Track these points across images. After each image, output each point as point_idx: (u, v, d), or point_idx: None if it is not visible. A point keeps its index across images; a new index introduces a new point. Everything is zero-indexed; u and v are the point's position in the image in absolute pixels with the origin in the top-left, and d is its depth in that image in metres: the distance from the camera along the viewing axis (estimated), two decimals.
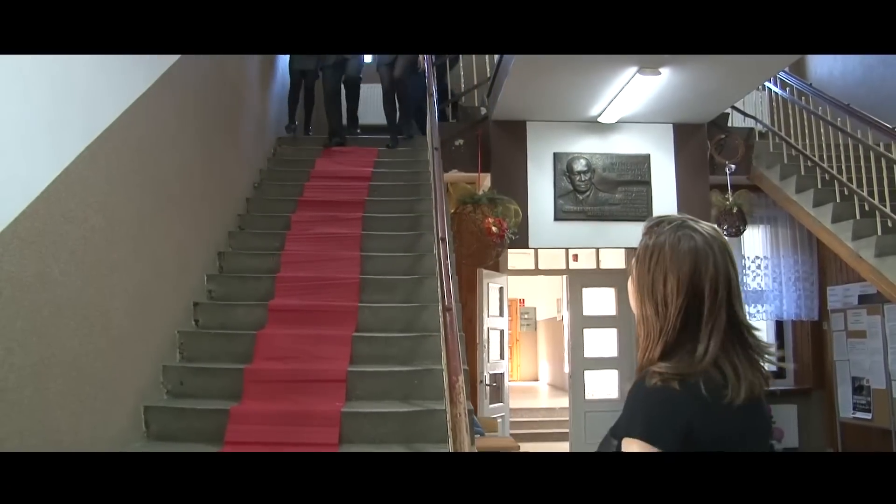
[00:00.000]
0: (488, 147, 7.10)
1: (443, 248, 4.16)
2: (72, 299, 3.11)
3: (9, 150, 2.61)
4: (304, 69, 7.54)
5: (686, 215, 1.46)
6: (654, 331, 1.39)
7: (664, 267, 1.39)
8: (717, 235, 1.42)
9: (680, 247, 1.38)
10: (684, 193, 7.19)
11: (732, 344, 1.36)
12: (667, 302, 1.38)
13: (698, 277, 1.36)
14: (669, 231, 1.41)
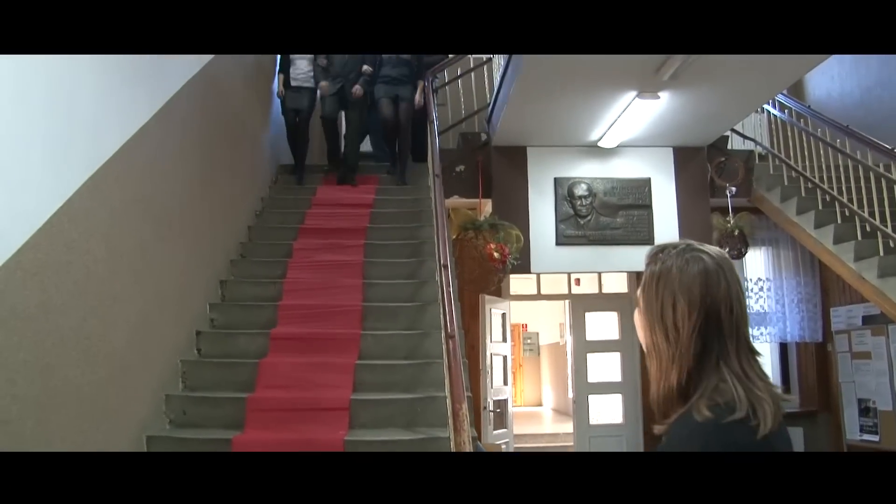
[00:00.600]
0: (489, 173, 7.13)
1: (445, 274, 4.16)
2: (74, 329, 3.12)
3: (13, 180, 2.63)
4: (297, 108, 7.33)
5: (689, 240, 1.44)
6: (666, 359, 1.36)
7: (672, 290, 1.36)
8: (724, 257, 1.40)
9: (688, 269, 1.36)
10: (685, 216, 7.21)
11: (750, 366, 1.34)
12: (677, 326, 1.34)
13: (711, 298, 1.34)
14: (675, 255, 1.39)
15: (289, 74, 7.34)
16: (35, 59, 2.77)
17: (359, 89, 7.05)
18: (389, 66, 7.23)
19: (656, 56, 5.08)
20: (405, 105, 7.17)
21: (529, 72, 5.38)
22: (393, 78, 7.19)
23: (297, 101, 7.32)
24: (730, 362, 1.32)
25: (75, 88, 3.11)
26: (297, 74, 7.35)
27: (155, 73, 4.06)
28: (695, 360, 1.33)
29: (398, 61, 7.23)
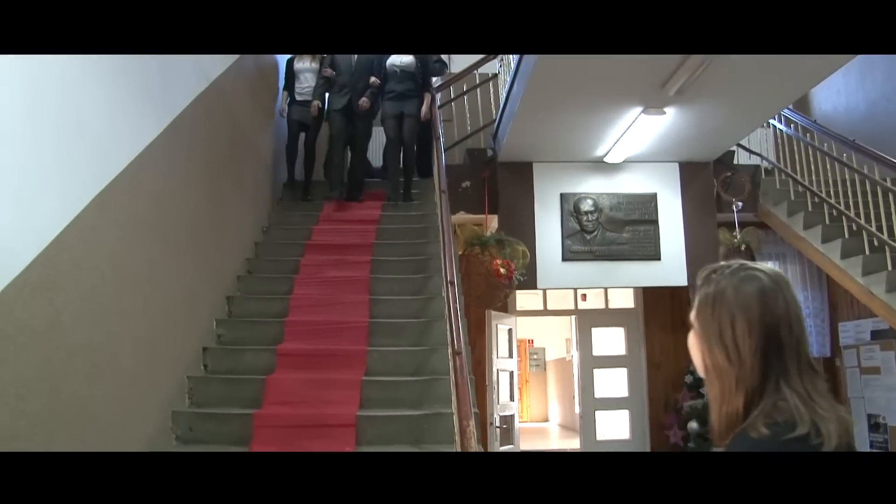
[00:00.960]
0: (495, 189, 7.14)
1: (452, 291, 4.16)
2: (82, 345, 3.12)
3: (23, 197, 2.64)
4: (302, 121, 7.17)
5: (743, 260, 1.42)
6: (730, 379, 1.32)
7: (730, 310, 1.33)
8: (780, 275, 1.38)
9: (744, 288, 1.34)
10: (692, 231, 7.20)
11: (813, 385, 1.31)
12: (738, 345, 1.32)
13: (770, 316, 1.31)
14: (729, 275, 1.37)
15: (293, 90, 7.29)
16: (45, 77, 2.79)
17: (365, 102, 6.87)
18: (395, 81, 7.09)
19: (662, 71, 5.09)
20: (410, 121, 7.04)
21: (535, 88, 5.39)
22: (399, 93, 7.05)
23: (304, 114, 7.19)
24: (791, 382, 1.29)
25: (84, 106, 3.13)
26: (303, 89, 7.25)
27: (162, 91, 4.08)
28: (759, 381, 1.30)
29: (403, 75, 7.08)
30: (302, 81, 7.29)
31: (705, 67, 4.85)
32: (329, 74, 7.06)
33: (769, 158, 7.74)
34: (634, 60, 4.91)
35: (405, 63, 7.09)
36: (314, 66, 7.28)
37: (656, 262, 7.16)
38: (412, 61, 7.11)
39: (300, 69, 7.32)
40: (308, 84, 7.24)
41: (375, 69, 7.06)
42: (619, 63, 4.98)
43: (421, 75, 7.16)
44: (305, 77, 7.29)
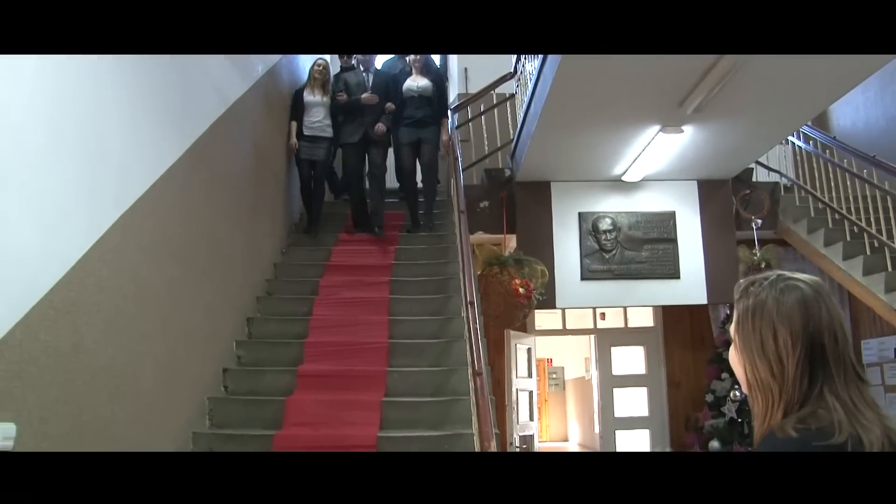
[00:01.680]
0: (513, 208, 7.13)
1: (472, 311, 4.15)
2: (104, 367, 3.13)
3: (47, 221, 2.66)
4: (312, 159, 6.80)
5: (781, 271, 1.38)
6: (774, 392, 1.29)
7: (771, 322, 1.30)
8: (821, 283, 1.34)
9: (784, 299, 1.30)
10: (711, 249, 7.16)
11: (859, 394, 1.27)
12: (781, 358, 1.28)
13: (814, 326, 1.28)
14: (768, 286, 1.33)
15: (302, 122, 6.83)
16: (68, 102, 2.82)
17: (381, 126, 6.68)
18: (412, 107, 6.85)
19: (679, 90, 5.08)
20: (429, 147, 6.86)
21: (553, 107, 5.39)
22: (417, 120, 6.82)
23: (313, 151, 6.82)
24: (836, 391, 1.25)
25: (107, 130, 3.16)
26: (313, 122, 6.84)
27: (183, 114, 4.12)
28: (802, 393, 1.27)
29: (421, 101, 6.85)
30: (312, 115, 6.87)
31: (723, 85, 4.83)
32: (343, 100, 6.82)
33: (788, 175, 7.70)
34: (652, 79, 4.91)
35: (422, 87, 6.88)
36: (325, 101, 6.91)
37: (675, 280, 7.11)
38: (429, 85, 6.89)
39: (310, 102, 6.88)
40: (318, 119, 6.85)
41: (392, 94, 6.86)
42: (636, 82, 4.97)
43: (438, 100, 6.97)
44: (316, 111, 6.88)
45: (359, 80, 6.94)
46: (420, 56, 6.98)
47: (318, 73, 6.96)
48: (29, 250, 2.55)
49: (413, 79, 6.95)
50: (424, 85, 6.90)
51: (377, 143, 6.78)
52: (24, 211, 2.52)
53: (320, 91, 6.93)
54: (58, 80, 2.74)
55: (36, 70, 2.57)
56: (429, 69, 7.10)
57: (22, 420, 2.49)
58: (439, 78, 7.14)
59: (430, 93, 6.90)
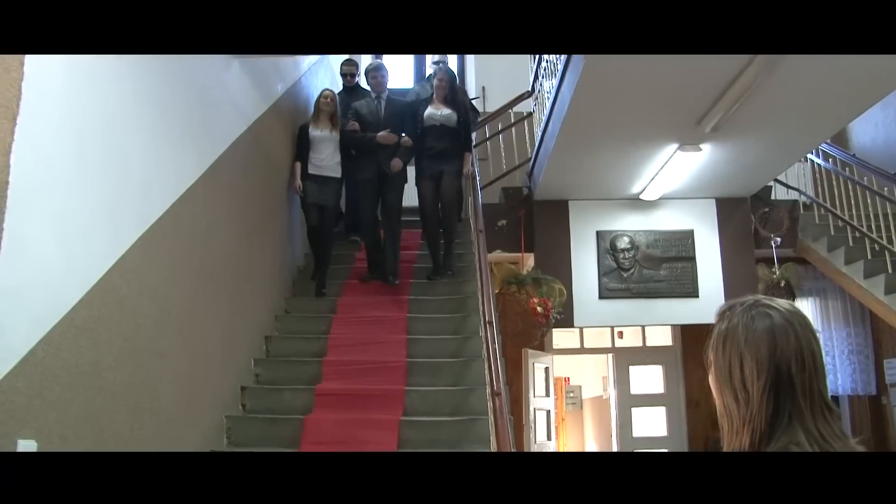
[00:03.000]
0: (531, 227, 7.12)
1: (490, 331, 4.13)
2: (124, 385, 3.14)
3: (70, 240, 2.68)
4: (321, 203, 6.08)
5: (760, 296, 1.37)
6: (737, 420, 1.29)
7: (739, 349, 1.29)
8: (795, 311, 1.32)
9: (754, 326, 1.29)
10: (730, 268, 7.11)
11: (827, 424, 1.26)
12: (746, 386, 1.28)
13: (781, 355, 1.26)
14: (741, 312, 1.32)
15: (307, 161, 6.11)
16: (91, 123, 2.84)
17: (398, 162, 6.11)
18: (433, 137, 6.24)
19: (697, 108, 5.06)
20: (450, 180, 6.23)
21: (571, 126, 5.39)
22: (438, 151, 6.23)
23: (321, 194, 6.09)
24: (804, 422, 1.24)
25: (129, 150, 3.18)
26: (320, 161, 6.11)
27: (203, 134, 4.14)
28: (767, 422, 1.26)
29: (443, 131, 6.25)
30: (319, 152, 6.12)
31: (741, 103, 4.81)
32: (354, 128, 6.28)
33: (807, 193, 7.65)
34: (670, 97, 4.90)
35: (445, 116, 6.27)
36: (335, 136, 6.19)
37: (694, 299, 7.07)
38: (452, 114, 6.29)
39: (318, 138, 6.15)
40: (326, 156, 6.13)
41: (408, 125, 6.32)
42: (654, 100, 4.96)
43: (464, 130, 6.42)
44: (325, 147, 6.14)
45: (371, 108, 6.39)
46: (445, 81, 6.39)
47: (325, 105, 6.23)
48: (52, 269, 2.56)
49: (435, 106, 6.35)
50: (447, 114, 6.29)
51: (393, 179, 6.16)
52: (48, 230, 2.54)
53: (328, 125, 6.21)
54: (83, 100, 2.77)
55: (62, 92, 2.60)
56: (454, 97, 6.44)
57: (42, 437, 2.49)
58: (464, 108, 6.52)
59: (454, 123, 6.30)
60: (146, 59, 3.32)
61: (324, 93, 6.35)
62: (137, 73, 3.25)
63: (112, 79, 3.02)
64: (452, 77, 6.62)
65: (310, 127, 6.21)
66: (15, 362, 2.33)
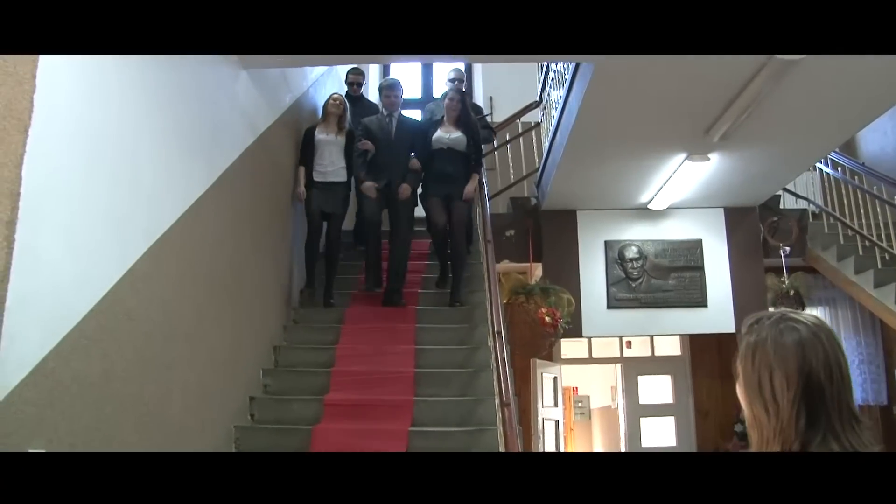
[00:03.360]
0: (539, 237, 7.12)
1: (499, 342, 4.12)
2: (133, 396, 3.14)
3: (80, 251, 2.68)
4: (326, 210, 5.96)
5: (786, 309, 1.43)
6: (768, 432, 1.32)
7: (768, 362, 1.33)
8: (822, 324, 1.36)
9: (783, 340, 1.33)
10: (739, 277, 7.09)
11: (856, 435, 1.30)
12: (776, 398, 1.31)
13: (809, 368, 1.30)
14: (770, 326, 1.36)
15: (312, 166, 5.98)
16: (101, 136, 2.85)
17: (406, 188, 5.94)
18: (441, 161, 6.05)
19: (705, 118, 5.06)
20: (460, 206, 6.03)
21: (578, 137, 5.39)
22: (448, 175, 6.05)
23: (326, 201, 5.95)
24: (836, 433, 1.28)
25: (138, 161, 3.19)
26: (325, 166, 5.99)
27: (212, 145, 4.15)
28: (798, 433, 1.29)
29: (452, 154, 6.05)
30: (324, 157, 6.00)
31: (749, 113, 4.80)
32: (367, 147, 6.02)
33: (816, 202, 7.63)
34: (678, 107, 4.90)
35: (454, 139, 6.07)
36: (340, 141, 6.08)
37: (703, 308, 7.06)
38: (462, 137, 6.07)
39: (323, 141, 6.03)
40: (332, 161, 6.00)
41: (419, 147, 6.11)
42: (662, 110, 4.97)
43: (474, 154, 6.20)
44: (329, 152, 6.01)
45: (382, 127, 6.14)
46: (456, 101, 6.16)
47: (334, 108, 6.15)
48: (63, 280, 2.57)
49: (445, 128, 6.14)
50: (456, 137, 6.08)
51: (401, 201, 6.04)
52: (59, 242, 2.54)
53: (335, 128, 6.11)
54: (93, 112, 2.78)
55: (73, 104, 2.61)
56: (466, 119, 6.20)
57: (53, 447, 2.49)
58: (475, 130, 6.25)
59: (463, 147, 6.09)
60: (156, 70, 3.34)
61: (333, 95, 6.29)
62: (148, 85, 3.27)
63: (122, 91, 3.03)
64: (465, 97, 6.40)
65: (316, 130, 6.11)
66: (26, 372, 2.34)
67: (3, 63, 2.21)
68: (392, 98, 6.21)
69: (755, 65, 4.21)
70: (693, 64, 4.19)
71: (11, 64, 2.24)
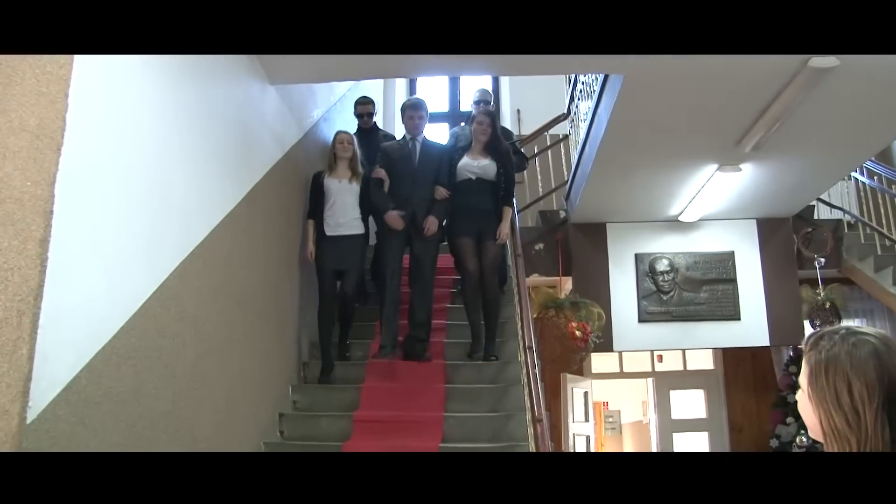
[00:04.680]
0: (568, 250, 7.08)
1: (530, 356, 4.09)
2: (164, 413, 3.15)
3: (112, 268, 2.71)
4: (340, 268, 5.25)
5: (849, 324, 1.47)
6: (852, 442, 1.33)
7: (845, 375, 1.34)
8: (887, 336, 1.39)
9: (858, 353, 1.35)
10: (772, 289, 7.00)
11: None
12: (857, 410, 1.32)
13: (889, 378, 1.32)
14: (840, 340, 1.38)
15: (322, 218, 5.25)
16: (133, 151, 2.88)
17: (433, 223, 5.23)
18: (469, 193, 5.37)
19: (737, 128, 5.01)
20: (492, 248, 5.35)
21: (608, 149, 5.36)
22: (477, 209, 5.36)
23: (340, 258, 5.20)
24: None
25: (168, 178, 3.22)
26: (337, 218, 5.23)
27: (241, 161, 4.18)
28: (885, 442, 1.31)
29: (481, 185, 5.39)
30: (335, 207, 5.24)
31: (782, 123, 4.75)
32: (381, 177, 5.34)
33: (852, 212, 7.51)
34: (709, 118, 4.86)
35: (482, 167, 5.41)
36: (354, 188, 5.29)
37: (736, 321, 6.97)
38: (491, 165, 5.42)
39: (333, 190, 5.26)
40: (345, 212, 5.24)
41: (444, 174, 5.40)
42: (693, 121, 4.92)
43: (505, 184, 5.54)
44: (342, 202, 5.25)
45: (403, 152, 5.44)
46: (486, 125, 5.45)
47: (342, 150, 5.36)
48: (95, 298, 2.59)
49: (472, 155, 5.48)
50: (485, 165, 5.42)
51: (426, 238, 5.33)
52: (91, 259, 2.57)
53: (346, 173, 5.33)
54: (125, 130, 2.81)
55: (105, 123, 2.64)
56: (496, 145, 5.49)
57: None
58: (507, 157, 5.58)
59: (492, 176, 5.44)
60: (185, 86, 3.38)
61: (338, 136, 5.47)
62: (177, 102, 3.30)
63: (153, 108, 3.06)
64: (494, 119, 5.65)
65: (325, 176, 5.34)
66: (58, 390, 2.36)
67: (36, 83, 2.25)
68: (416, 119, 5.49)
69: (788, 73, 4.16)
70: (724, 73, 4.15)
71: (44, 83, 2.27)
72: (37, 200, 2.24)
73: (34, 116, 2.24)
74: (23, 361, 2.16)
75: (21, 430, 2.15)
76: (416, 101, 5.65)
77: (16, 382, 2.15)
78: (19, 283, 2.16)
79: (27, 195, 2.21)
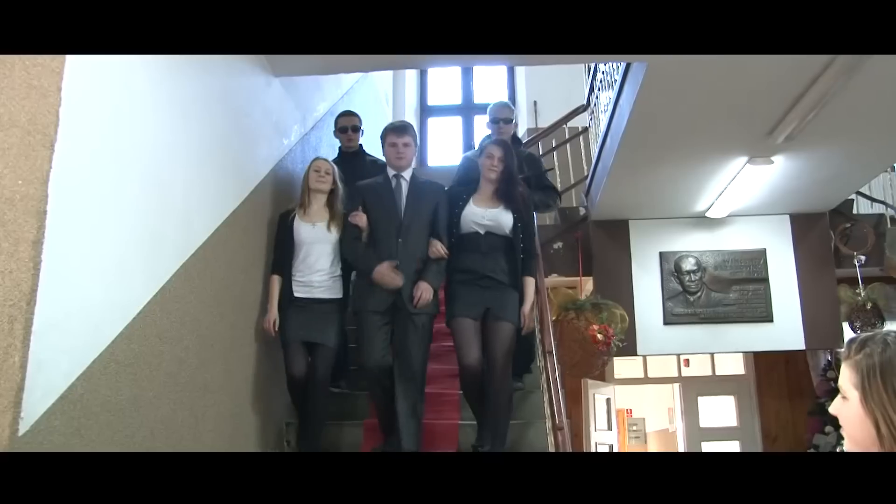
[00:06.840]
0: (589, 249, 7.03)
1: (550, 361, 4.07)
2: (165, 422, 3.15)
3: (109, 272, 2.71)
4: (310, 339, 4.35)
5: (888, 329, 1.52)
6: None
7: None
8: None
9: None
10: (808, 290, 6.92)
11: None
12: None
13: None
14: (892, 343, 1.44)
15: (290, 278, 4.31)
16: (130, 148, 2.88)
17: (426, 292, 4.19)
18: (472, 252, 4.29)
19: (768, 118, 4.96)
20: (503, 330, 4.16)
21: (630, 141, 5.31)
22: (481, 276, 4.25)
23: (310, 326, 4.28)
24: None
25: (168, 176, 3.22)
26: (310, 277, 4.30)
27: (244, 159, 4.18)
28: None
29: (490, 242, 4.29)
30: (308, 261, 4.32)
31: (818, 111, 4.70)
32: (359, 223, 4.31)
33: (894, 206, 7.43)
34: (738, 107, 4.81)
35: (493, 217, 4.32)
36: (331, 237, 4.35)
37: (768, 323, 6.90)
38: (505, 215, 4.33)
39: (305, 236, 4.34)
40: (320, 267, 4.30)
41: (442, 223, 4.36)
42: (721, 110, 4.87)
43: (525, 244, 4.42)
44: (317, 253, 4.32)
45: (385, 191, 4.39)
46: (499, 160, 4.32)
47: (319, 183, 4.44)
48: (91, 302, 2.59)
49: (479, 200, 4.39)
50: (495, 214, 4.33)
51: (414, 312, 4.23)
52: (87, 261, 2.56)
53: (324, 214, 4.42)
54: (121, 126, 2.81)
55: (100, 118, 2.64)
56: (511, 191, 4.35)
57: None
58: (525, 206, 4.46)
59: (507, 230, 4.34)
60: (185, 80, 3.37)
61: (315, 164, 4.52)
62: (177, 96, 3.30)
63: (151, 103, 3.06)
64: (509, 151, 4.44)
65: (296, 218, 4.40)
66: (53, 400, 2.36)
67: (27, 75, 2.24)
68: (400, 148, 4.40)
69: (823, 59, 4.12)
70: (754, 60, 4.09)
71: (36, 76, 2.26)
72: (29, 200, 2.23)
73: (25, 111, 2.23)
74: (14, 370, 2.16)
75: (12, 443, 2.15)
76: (399, 125, 4.56)
77: (6, 392, 2.14)
78: (11, 287, 2.16)
79: (18, 194, 2.20)
